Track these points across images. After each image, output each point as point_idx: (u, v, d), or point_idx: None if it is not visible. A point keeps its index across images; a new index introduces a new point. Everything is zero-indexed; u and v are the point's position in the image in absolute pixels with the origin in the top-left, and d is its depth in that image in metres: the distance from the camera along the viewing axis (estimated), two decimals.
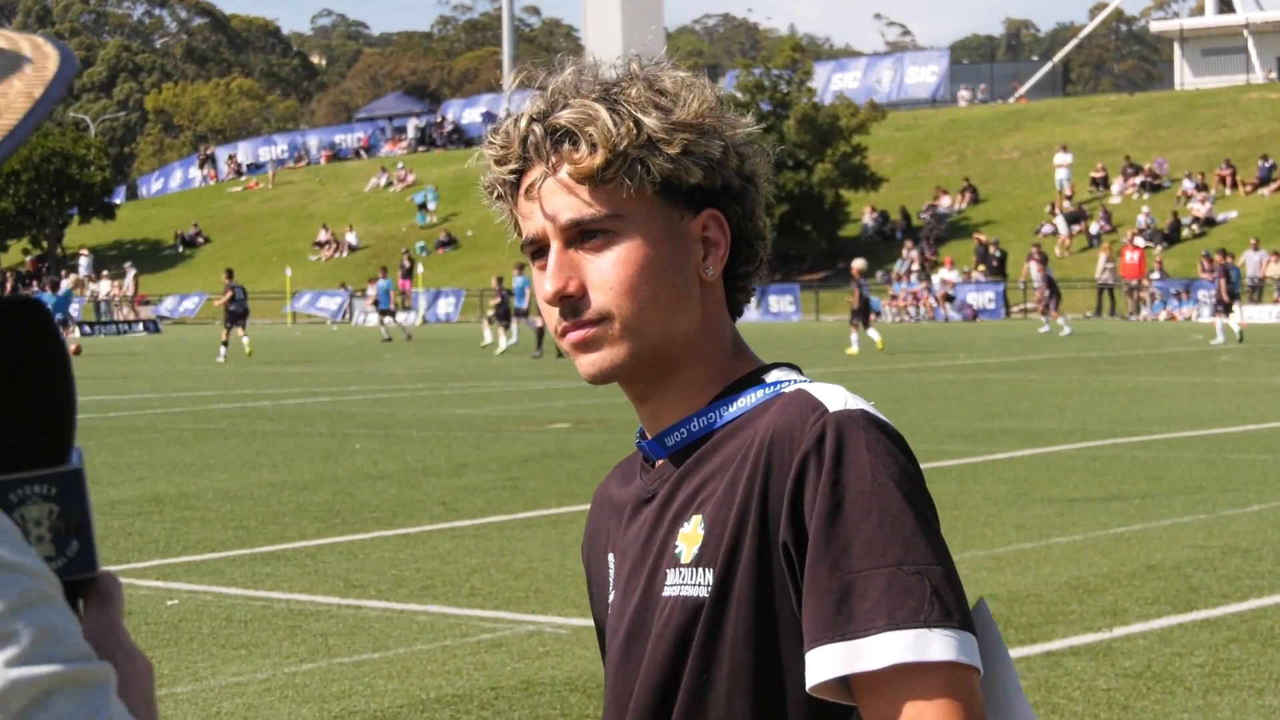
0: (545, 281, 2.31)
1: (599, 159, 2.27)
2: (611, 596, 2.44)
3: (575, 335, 2.31)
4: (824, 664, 2.13)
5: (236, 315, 43.97)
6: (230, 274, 46.17)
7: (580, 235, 2.30)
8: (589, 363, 2.32)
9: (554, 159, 2.30)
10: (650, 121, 2.28)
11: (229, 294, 44.44)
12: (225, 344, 43.33)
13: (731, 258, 2.36)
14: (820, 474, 2.16)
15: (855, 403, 2.23)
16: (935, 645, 2.10)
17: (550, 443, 19.80)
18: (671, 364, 2.34)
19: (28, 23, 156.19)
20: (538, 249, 2.34)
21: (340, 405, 26.83)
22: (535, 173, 2.32)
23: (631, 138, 2.27)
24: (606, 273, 2.29)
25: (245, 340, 43.12)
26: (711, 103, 2.33)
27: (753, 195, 2.36)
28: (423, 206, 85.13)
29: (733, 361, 2.37)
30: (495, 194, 2.41)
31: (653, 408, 2.37)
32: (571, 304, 2.31)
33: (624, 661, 2.36)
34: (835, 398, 2.24)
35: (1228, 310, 44.13)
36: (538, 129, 2.31)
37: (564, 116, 2.29)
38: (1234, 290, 45.50)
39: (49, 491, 1.50)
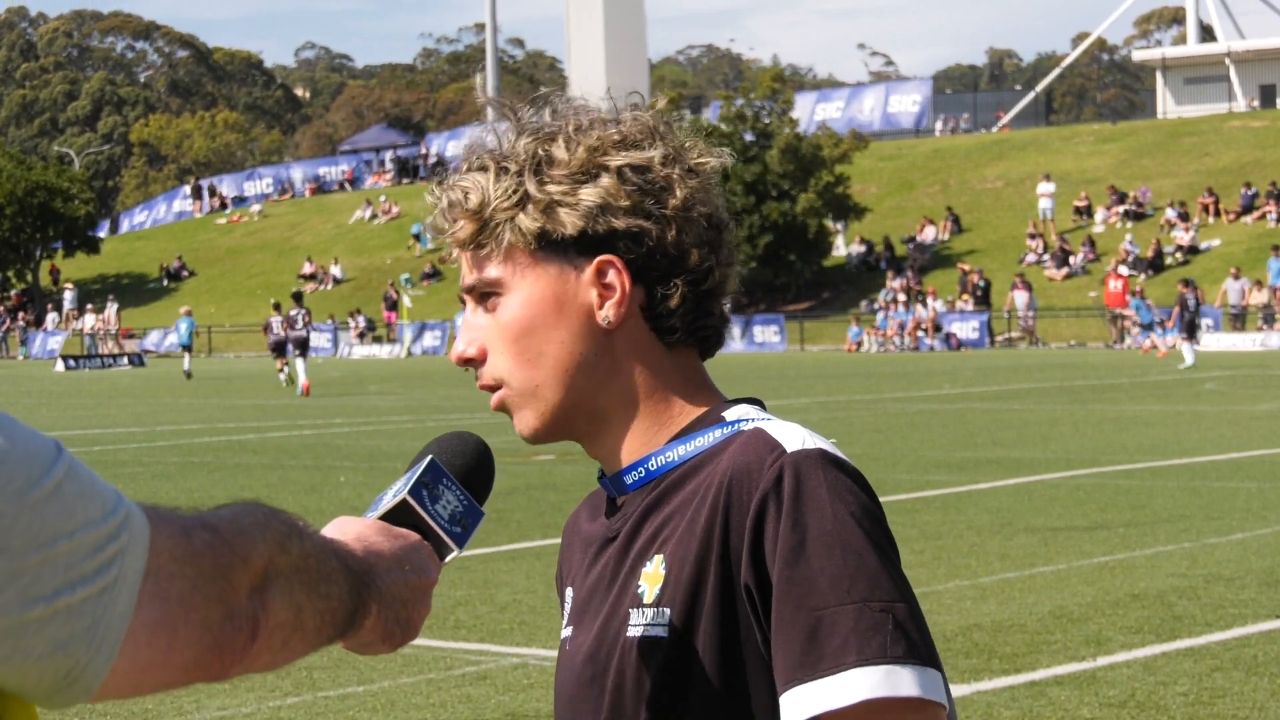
0: (456, 343, 2.38)
1: (467, 230, 2.32)
2: (567, 631, 2.42)
3: (491, 402, 2.37)
4: (798, 705, 2.12)
5: (294, 343, 43.30)
6: (277, 306, 46.10)
7: (480, 297, 2.34)
8: (516, 429, 2.37)
9: (445, 226, 2.35)
10: (527, 182, 2.29)
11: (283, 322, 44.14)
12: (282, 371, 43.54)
13: (649, 296, 2.31)
14: (780, 514, 2.16)
15: (813, 441, 2.22)
16: (905, 681, 2.09)
17: (535, 475, 19.80)
18: (598, 414, 2.34)
19: (11, 56, 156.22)
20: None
21: (325, 438, 26.81)
22: None
23: (502, 200, 2.29)
24: (494, 336, 2.33)
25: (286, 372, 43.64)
26: (603, 147, 2.30)
27: (655, 231, 2.29)
28: (417, 237, 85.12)
29: (681, 401, 2.35)
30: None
31: (603, 454, 2.38)
32: (474, 365, 2.36)
33: (581, 700, 2.34)
34: (793, 437, 2.22)
35: (1191, 334, 45.69)
36: (441, 197, 2.36)
37: (449, 186, 2.34)
38: (1193, 318, 46.73)
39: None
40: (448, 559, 2.20)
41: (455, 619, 11.47)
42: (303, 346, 43.32)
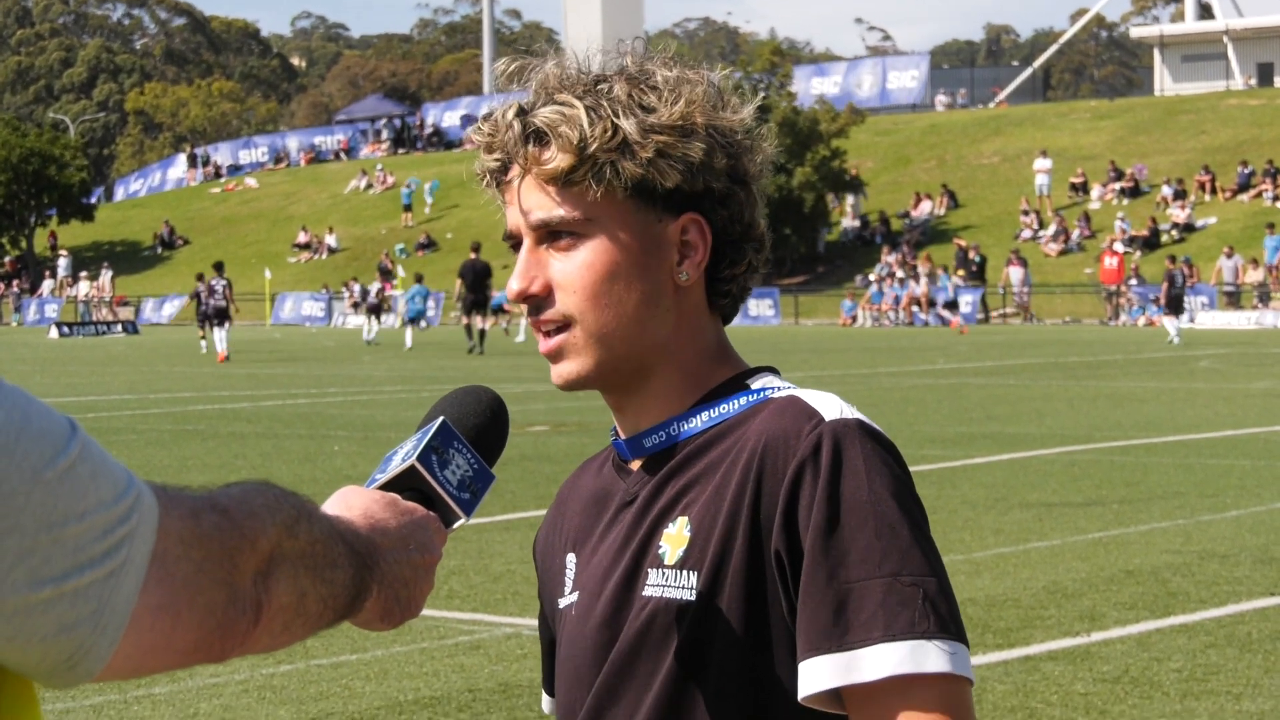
0: (512, 279, 2.31)
1: (565, 162, 2.25)
2: (571, 596, 2.40)
3: (544, 346, 2.31)
4: (818, 675, 2.11)
5: (213, 313, 44.14)
6: (200, 277, 46.72)
7: (549, 235, 2.29)
8: (558, 373, 2.32)
9: (527, 157, 2.28)
10: (627, 124, 2.25)
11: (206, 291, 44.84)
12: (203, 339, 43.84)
13: (715, 260, 2.32)
14: (817, 483, 2.15)
15: (850, 412, 2.22)
16: (931, 657, 2.09)
17: (529, 445, 19.79)
18: (645, 369, 2.32)
19: (6, 23, 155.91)
20: (515, 242, 2.34)
21: (319, 407, 26.80)
22: (515, 168, 2.31)
23: (603, 140, 2.24)
24: (570, 275, 2.28)
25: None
26: (699, 102, 2.29)
27: (741, 197, 2.31)
28: (408, 207, 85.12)
29: (714, 366, 2.35)
30: (485, 181, 2.38)
31: (630, 412, 2.36)
32: (535, 303, 2.30)
33: (596, 664, 2.32)
34: (831, 406, 2.22)
35: (1176, 311, 46.61)
36: (516, 125, 2.28)
37: (540, 115, 2.27)
38: (1178, 294, 47.55)
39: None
40: (455, 526, 2.18)
41: (449, 589, 11.46)
42: (220, 316, 43.81)
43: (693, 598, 2.22)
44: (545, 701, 2.58)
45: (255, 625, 1.77)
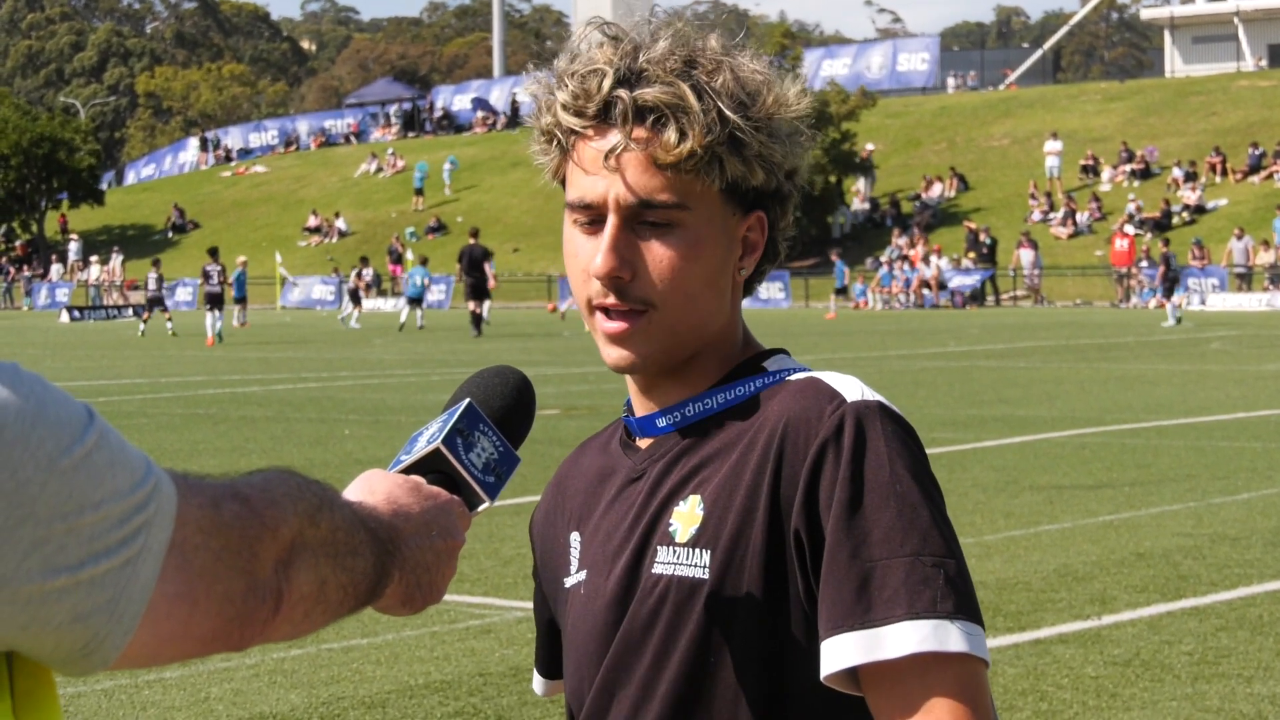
0: (597, 256, 2.25)
1: (687, 148, 2.22)
2: (579, 575, 2.40)
3: (612, 327, 2.27)
4: (842, 652, 2.12)
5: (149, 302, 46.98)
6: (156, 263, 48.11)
7: (640, 216, 2.25)
8: (619, 355, 2.29)
9: (637, 133, 2.23)
10: (736, 119, 2.23)
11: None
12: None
13: (762, 255, 2.35)
14: (839, 464, 2.16)
15: (871, 394, 2.22)
16: (953, 637, 2.09)
17: (539, 429, 19.76)
18: (691, 356, 2.32)
19: (16, 7, 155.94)
20: (592, 215, 2.28)
21: (330, 391, 26.81)
22: (612, 138, 2.24)
23: (717, 132, 2.22)
24: (662, 263, 2.25)
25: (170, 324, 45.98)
26: (785, 103, 2.29)
27: (795, 196, 2.34)
28: (419, 191, 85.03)
29: (739, 350, 2.37)
30: (552, 139, 2.31)
31: (657, 393, 2.35)
32: (619, 285, 2.26)
33: (598, 640, 2.32)
34: (852, 388, 2.23)
35: (1169, 294, 47.24)
36: (624, 96, 2.22)
37: (653, 93, 2.22)
38: (1173, 277, 48.22)
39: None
40: (479, 509, 2.18)
41: (459, 572, 11.45)
42: (214, 301, 44.92)
43: (705, 576, 2.22)
44: (537, 681, 2.60)
45: (275, 614, 1.77)
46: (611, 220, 2.25)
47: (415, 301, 50.06)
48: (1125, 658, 9.00)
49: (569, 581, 2.42)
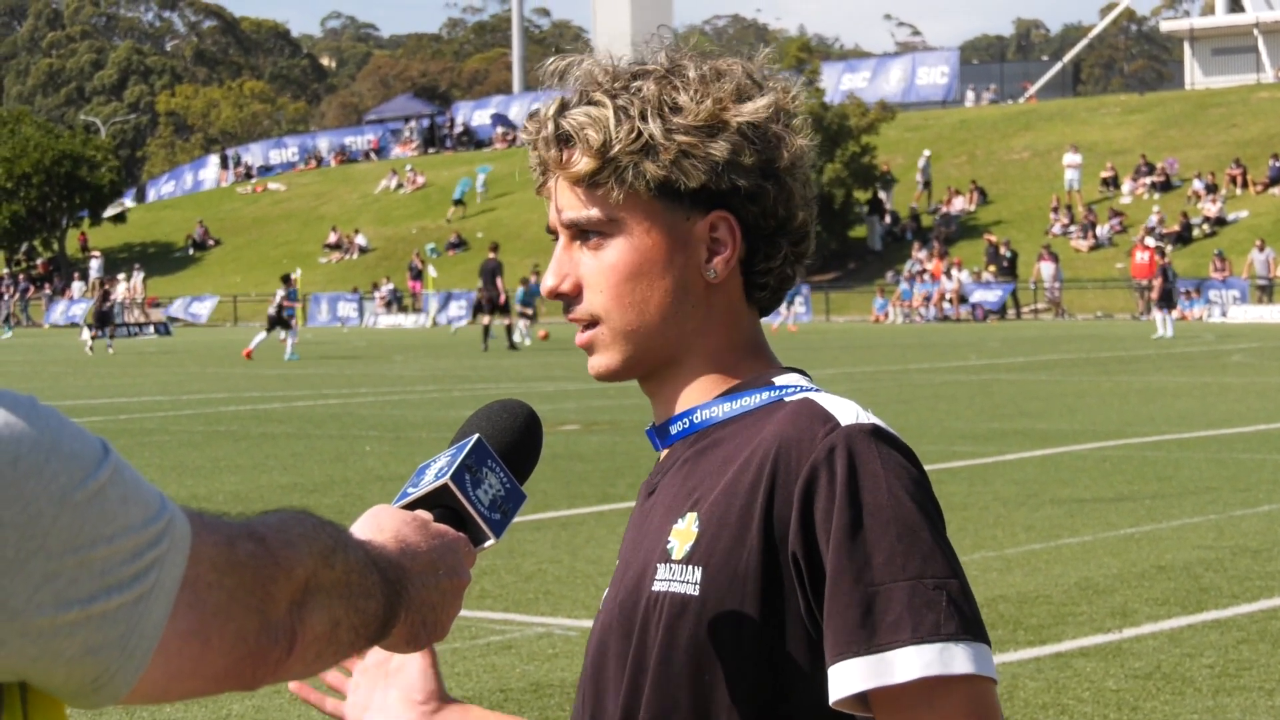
0: (545, 276, 2.37)
1: (587, 166, 2.30)
2: (606, 591, 2.43)
3: (578, 339, 2.37)
4: (849, 678, 2.12)
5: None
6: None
7: (580, 233, 2.33)
8: (591, 365, 2.38)
9: (554, 156, 2.33)
10: (652, 126, 2.27)
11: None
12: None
13: (750, 255, 2.34)
14: (834, 487, 2.16)
15: (866, 417, 2.23)
16: (958, 658, 2.10)
17: (560, 444, 19.79)
18: (674, 361, 2.35)
19: (37, 25, 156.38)
20: (556, 238, 2.39)
21: (350, 407, 26.84)
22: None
23: (627, 143, 2.27)
24: (596, 275, 2.33)
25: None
26: (728, 99, 2.30)
27: (773, 192, 2.32)
28: (459, 201, 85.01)
29: (743, 359, 2.37)
30: (535, 175, 2.42)
31: (661, 400, 2.40)
32: (566, 300, 2.36)
33: (611, 657, 2.34)
34: (846, 411, 2.24)
35: (1168, 306, 47.37)
36: (550, 126, 2.33)
37: (570, 117, 2.31)
38: (1170, 289, 48.28)
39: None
40: (484, 545, 2.18)
41: (480, 588, 11.47)
42: (274, 322, 45.41)
43: (695, 593, 2.23)
44: None
45: (289, 654, 1.77)
46: (558, 241, 2.37)
47: (283, 324, 45.30)
48: (1146, 671, 8.99)
49: (603, 597, 2.45)
